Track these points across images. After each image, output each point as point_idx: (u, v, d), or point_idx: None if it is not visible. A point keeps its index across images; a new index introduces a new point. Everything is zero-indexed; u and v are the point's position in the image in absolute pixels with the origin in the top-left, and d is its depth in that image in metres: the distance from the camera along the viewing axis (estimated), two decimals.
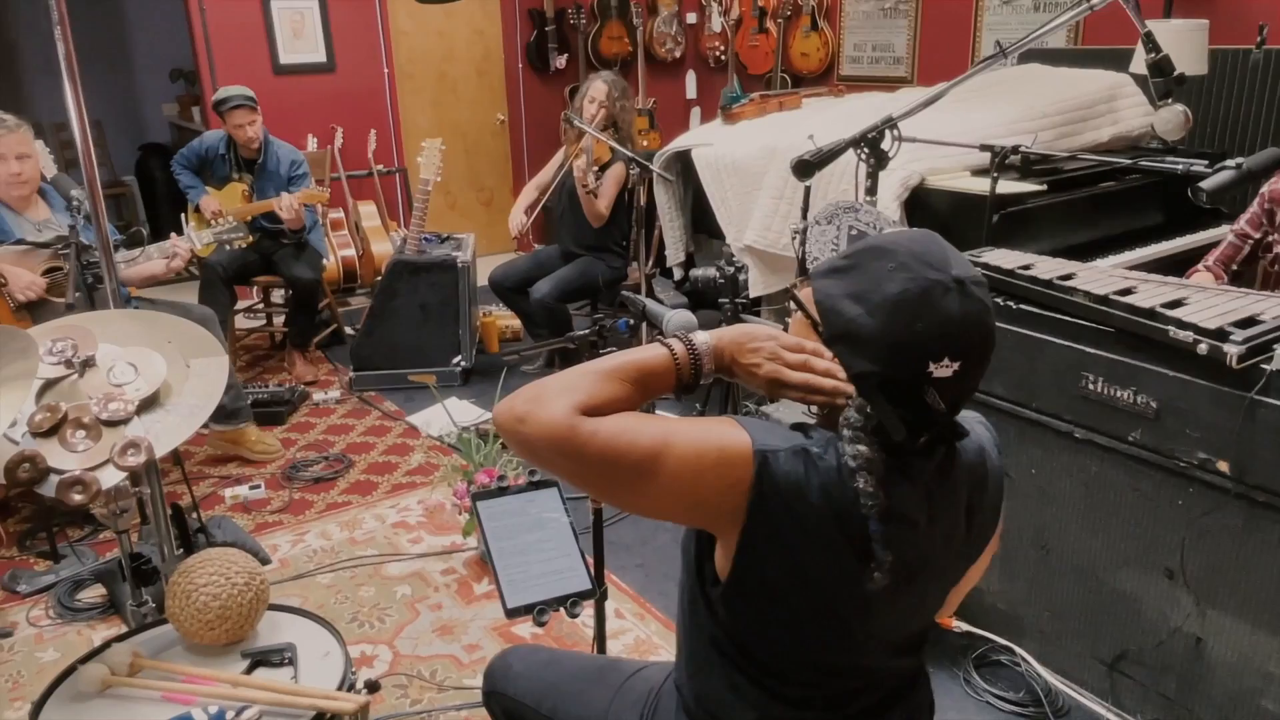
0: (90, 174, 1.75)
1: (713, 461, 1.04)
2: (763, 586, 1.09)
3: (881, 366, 1.04)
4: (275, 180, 4.31)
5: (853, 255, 1.10)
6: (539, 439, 1.02)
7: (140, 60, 7.45)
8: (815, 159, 2.54)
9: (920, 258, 1.05)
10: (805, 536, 1.06)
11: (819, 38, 5.14)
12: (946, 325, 1.02)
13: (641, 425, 1.04)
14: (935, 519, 1.12)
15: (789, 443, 1.07)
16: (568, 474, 1.04)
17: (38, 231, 3.18)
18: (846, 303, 1.06)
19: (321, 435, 3.86)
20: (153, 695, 1.38)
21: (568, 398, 1.02)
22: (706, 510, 1.07)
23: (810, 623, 1.12)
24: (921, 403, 1.04)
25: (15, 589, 2.79)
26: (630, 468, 1.02)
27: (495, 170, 6.64)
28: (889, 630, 1.18)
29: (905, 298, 1.02)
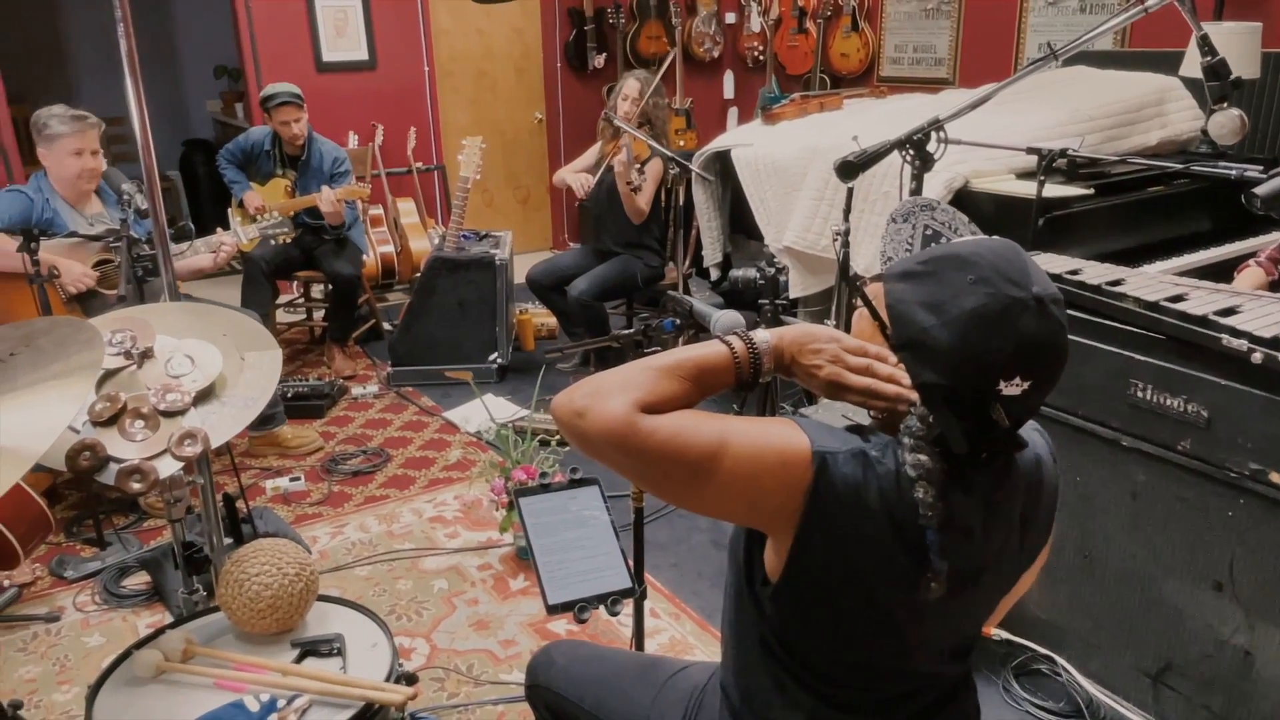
0: (149, 169, 1.78)
1: (772, 463, 1.04)
2: (815, 588, 1.09)
3: (950, 380, 1.02)
4: (318, 177, 4.36)
5: (930, 261, 1.07)
6: (597, 434, 1.02)
7: (186, 57, 7.58)
8: (859, 160, 2.52)
9: (1001, 272, 1.02)
10: (860, 540, 1.05)
11: (859, 38, 5.11)
12: (1022, 346, 1.00)
13: (700, 424, 1.03)
14: (990, 529, 1.11)
15: (847, 445, 1.06)
16: (625, 470, 1.05)
17: (90, 225, 3.26)
18: (920, 311, 1.04)
19: (360, 429, 3.90)
20: (205, 682, 1.40)
21: (627, 394, 1.02)
22: (763, 510, 1.07)
23: (861, 626, 1.12)
24: (986, 417, 1.03)
25: (62, 574, 2.85)
26: (688, 466, 1.02)
27: (532, 169, 6.67)
28: (940, 637, 1.17)
29: (983, 314, 1.00)
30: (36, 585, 2.82)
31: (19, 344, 1.27)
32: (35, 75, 6.59)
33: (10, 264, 2.92)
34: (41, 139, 3.17)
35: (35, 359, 1.24)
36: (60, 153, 3.16)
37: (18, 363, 1.23)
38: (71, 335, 1.26)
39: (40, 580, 2.84)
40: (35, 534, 2.66)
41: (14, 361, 1.24)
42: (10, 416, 1.16)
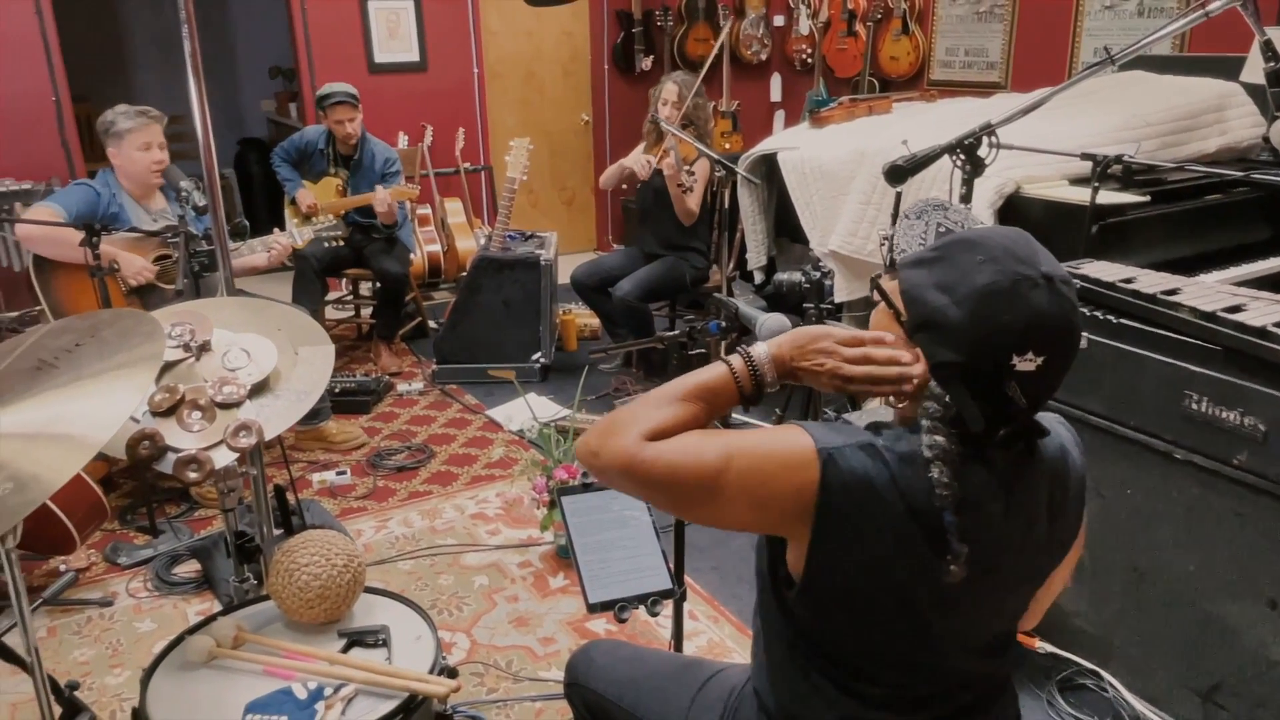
0: (209, 167, 1.83)
1: (776, 467, 1.06)
2: (838, 585, 1.10)
3: (965, 357, 1.04)
4: (370, 177, 4.44)
5: (941, 247, 1.10)
6: (611, 468, 1.10)
7: (242, 57, 7.75)
8: (909, 164, 2.50)
9: (1010, 252, 1.05)
10: (878, 531, 1.06)
11: (909, 41, 5.06)
12: (1033, 319, 1.02)
13: (703, 444, 1.08)
14: (1013, 511, 1.11)
15: (855, 439, 1.08)
16: (642, 497, 1.12)
17: (152, 220, 3.35)
18: (933, 292, 1.06)
19: (404, 425, 3.95)
20: (254, 669, 1.44)
21: (635, 427, 1.09)
22: (776, 515, 1.09)
23: (889, 619, 1.12)
24: (1002, 395, 1.04)
25: (116, 561, 2.93)
26: (695, 485, 1.07)
27: (578, 170, 6.70)
28: (971, 630, 1.17)
29: (993, 289, 1.03)
30: (91, 570, 2.90)
31: (85, 335, 1.32)
32: (98, 75, 6.77)
33: (74, 255, 3.01)
34: (109, 138, 3.26)
35: (100, 350, 1.28)
36: (129, 148, 3.25)
37: (83, 353, 1.27)
38: (134, 327, 1.30)
39: (95, 566, 2.92)
40: (91, 520, 2.74)
41: (79, 352, 1.28)
42: (75, 405, 1.20)
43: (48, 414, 1.18)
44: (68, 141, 4.94)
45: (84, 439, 1.14)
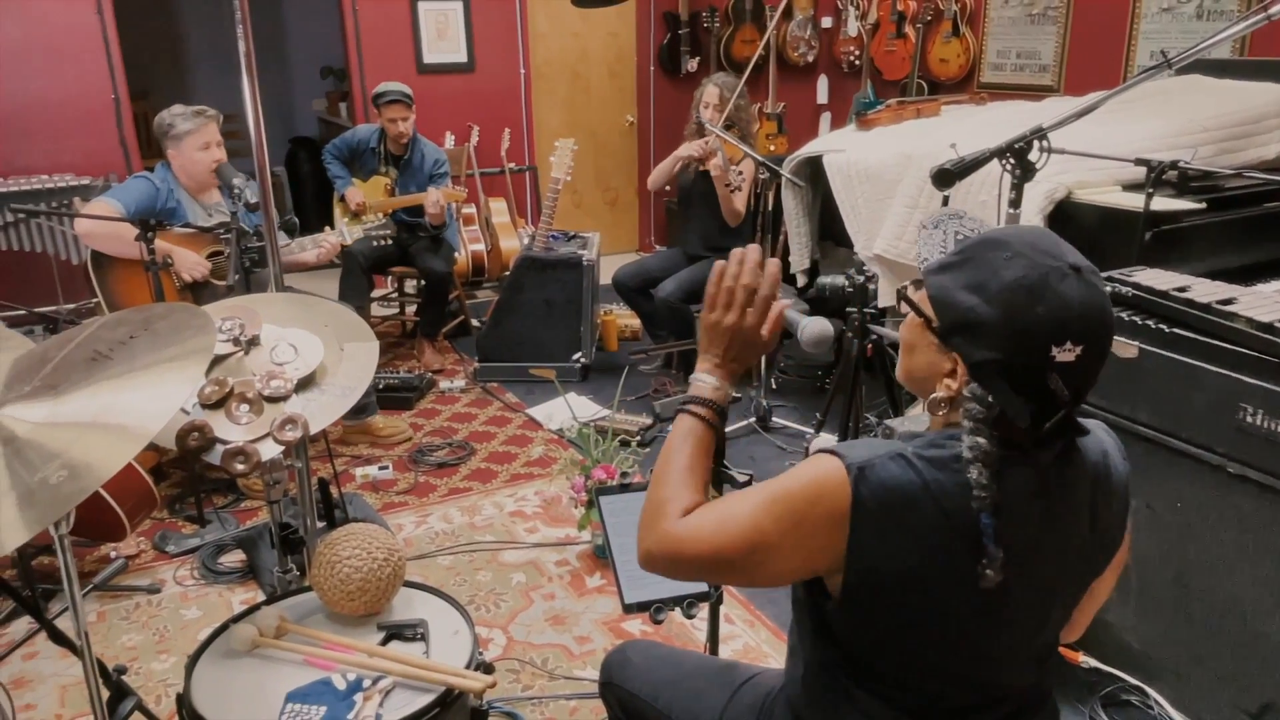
0: (261, 165, 1.86)
1: (810, 498, 1.07)
2: (876, 595, 1.09)
3: (1003, 353, 1.03)
4: (418, 177, 4.50)
5: (965, 249, 1.10)
6: (668, 573, 1.15)
7: (294, 57, 7.89)
8: (956, 168, 2.47)
9: (1035, 246, 1.06)
10: (915, 540, 1.05)
11: (960, 43, 4.99)
12: (1067, 309, 1.02)
13: (734, 507, 1.11)
14: (1053, 515, 1.10)
15: (885, 450, 1.07)
16: (706, 580, 1.19)
17: (207, 216, 3.42)
18: (963, 294, 1.06)
19: (446, 422, 3.99)
20: (295, 659, 1.46)
21: (662, 522, 1.14)
22: (819, 547, 1.07)
23: (928, 629, 1.11)
24: (1045, 389, 1.04)
25: (164, 549, 3.00)
26: (745, 549, 1.08)
27: (622, 171, 6.72)
28: (1012, 638, 1.15)
29: (1024, 283, 1.03)
30: (140, 558, 2.97)
31: (139, 327, 1.35)
32: (155, 73, 6.94)
33: (130, 250, 3.08)
34: (169, 140, 3.33)
35: (153, 342, 1.31)
36: (188, 150, 3.32)
37: (136, 345, 1.30)
38: (186, 321, 1.33)
39: (144, 553, 2.99)
40: (141, 509, 2.81)
41: (133, 344, 1.31)
42: (128, 396, 1.23)
43: (101, 404, 1.21)
44: (126, 138, 5.07)
45: (135, 429, 1.17)
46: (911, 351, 1.17)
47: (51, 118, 4.86)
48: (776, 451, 3.64)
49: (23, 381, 1.29)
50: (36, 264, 4.67)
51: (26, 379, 1.30)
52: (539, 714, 2.29)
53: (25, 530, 1.09)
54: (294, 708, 1.34)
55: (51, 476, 1.08)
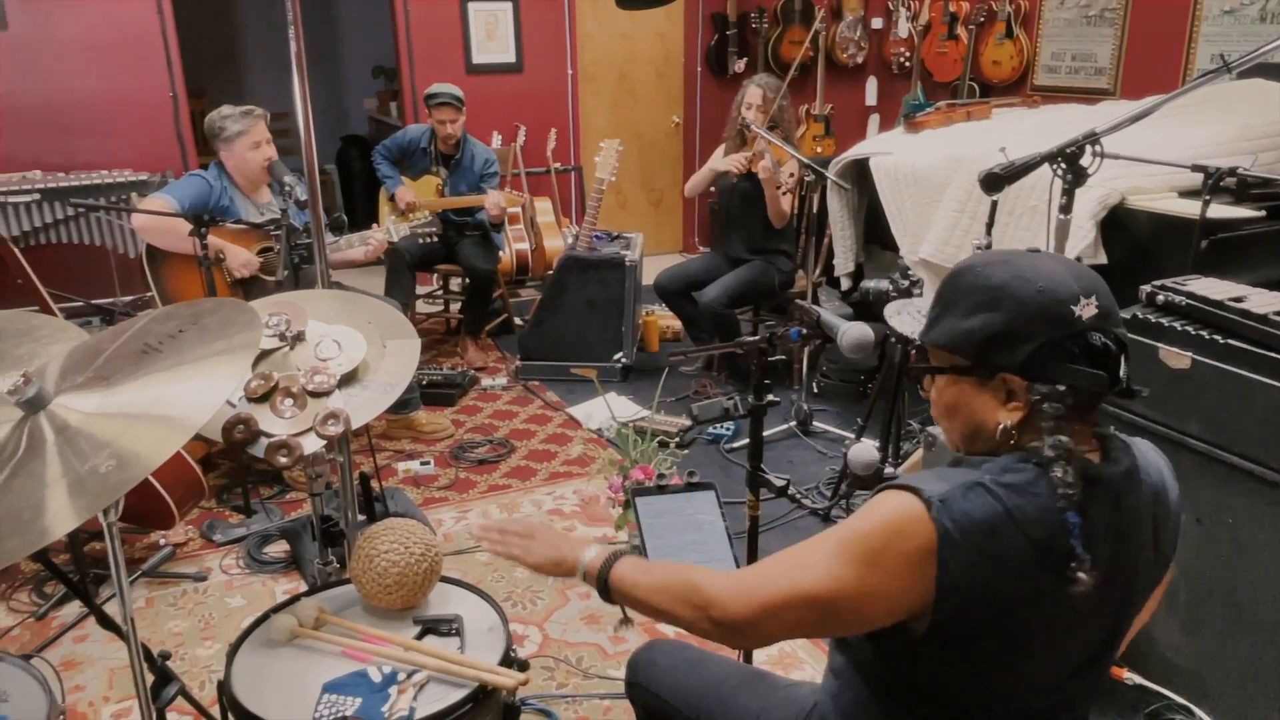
0: (310, 163, 1.90)
1: (888, 537, 1.04)
2: (969, 630, 1.05)
3: (1039, 337, 1.06)
4: (468, 177, 4.55)
5: (940, 297, 1.15)
6: (729, 630, 1.13)
7: (347, 56, 8.01)
8: (1006, 172, 2.42)
9: (990, 254, 1.14)
10: (1003, 570, 1.03)
11: (1013, 45, 4.91)
12: (1057, 274, 1.07)
13: (804, 554, 1.09)
14: (1123, 533, 1.10)
15: (959, 480, 1.05)
16: (782, 635, 1.14)
17: (259, 213, 3.49)
18: (969, 322, 1.10)
19: (487, 419, 4.03)
20: (333, 650, 1.48)
21: (705, 590, 1.14)
22: (905, 586, 1.04)
23: (1014, 657, 1.09)
24: (1096, 349, 1.06)
25: (211, 537, 3.06)
26: (818, 599, 1.06)
27: (667, 172, 6.72)
28: (1085, 657, 1.14)
29: (1008, 275, 1.08)
30: (188, 546, 3.03)
31: (188, 322, 1.38)
32: (212, 72, 7.10)
33: (183, 246, 3.16)
34: (220, 141, 3.41)
35: (201, 336, 1.34)
36: (240, 150, 3.39)
37: (185, 339, 1.34)
38: (234, 316, 1.36)
39: (192, 541, 3.06)
40: (190, 498, 2.87)
41: (182, 338, 1.34)
42: (176, 388, 1.26)
43: (150, 396, 1.24)
44: (183, 135, 5.19)
45: (182, 421, 1.20)
46: (957, 411, 1.15)
47: (111, 114, 5.00)
48: (816, 456, 3.62)
49: (77, 372, 1.33)
50: (95, 257, 4.81)
51: (80, 370, 1.34)
52: (572, 712, 2.30)
53: (74, 517, 1.12)
54: (330, 698, 1.36)
55: (101, 465, 1.11)
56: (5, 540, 1.06)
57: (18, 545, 1.05)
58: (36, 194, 4.40)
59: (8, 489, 1.14)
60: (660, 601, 1.20)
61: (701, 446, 3.72)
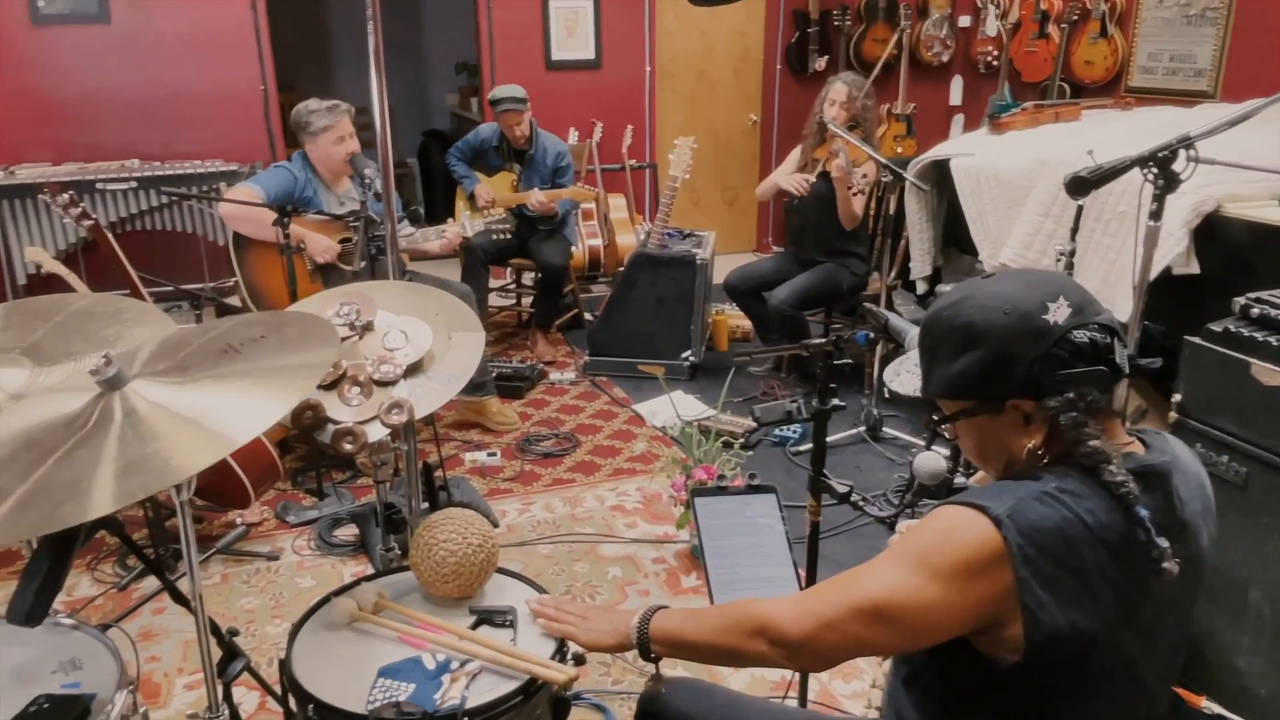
0: (385, 157, 1.93)
1: (949, 549, 1.02)
2: (1061, 648, 1.02)
3: (1027, 356, 1.06)
4: (541, 171, 4.60)
5: (923, 349, 1.17)
6: (795, 649, 1.12)
7: (431, 52, 8.16)
8: (1093, 176, 2.34)
9: (949, 295, 1.16)
10: (1083, 575, 1.00)
11: (1107, 45, 4.73)
12: (1016, 293, 1.08)
13: (861, 573, 1.09)
14: (1183, 516, 1.08)
15: (1024, 492, 1.03)
16: (851, 652, 1.11)
17: (340, 204, 3.58)
18: (956, 365, 1.11)
19: (554, 413, 4.06)
20: (390, 635, 1.51)
21: (762, 617, 1.14)
22: (966, 601, 1.02)
23: (1107, 670, 1.05)
24: (1083, 348, 1.05)
25: (285, 518, 3.15)
26: (877, 611, 1.05)
27: (742, 170, 6.67)
28: (1161, 665, 1.11)
29: (976, 310, 1.09)
30: (263, 526, 3.13)
31: (271, 329, 1.42)
32: (302, 67, 7.31)
33: (267, 234, 3.26)
34: (306, 135, 3.51)
35: (280, 346, 1.38)
36: (325, 143, 3.49)
37: (264, 345, 1.38)
38: (313, 331, 1.39)
39: (266, 522, 3.16)
40: (266, 480, 2.96)
41: (262, 344, 1.38)
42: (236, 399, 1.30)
43: (212, 401, 1.28)
44: (272, 127, 5.36)
45: (224, 438, 1.22)
46: (986, 449, 1.15)
47: (205, 106, 5.19)
48: (885, 463, 3.55)
49: (160, 360, 1.38)
50: (186, 243, 5.00)
51: (164, 358, 1.38)
52: (627, 709, 2.30)
53: (114, 500, 1.14)
54: (385, 682, 1.38)
55: (150, 459, 1.15)
56: (59, 506, 1.10)
57: (69, 512, 1.09)
58: (134, 182, 4.60)
59: (70, 457, 1.18)
60: (715, 638, 1.19)
61: (767, 448, 3.68)
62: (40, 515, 1.11)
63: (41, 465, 1.19)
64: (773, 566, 1.92)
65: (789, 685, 2.22)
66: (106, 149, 4.99)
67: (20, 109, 4.85)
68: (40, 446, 1.23)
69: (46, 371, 1.65)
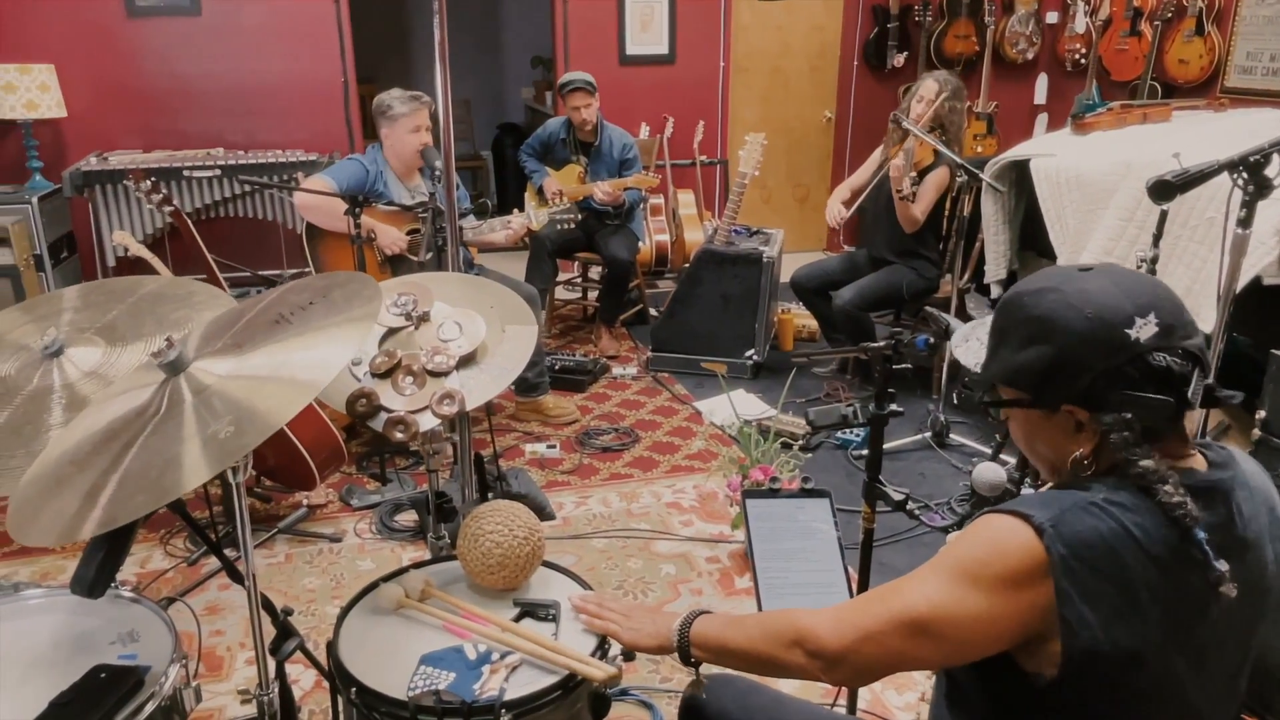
0: (447, 148, 1.96)
1: (992, 560, 0.99)
2: (1101, 665, 0.98)
3: (1096, 366, 1.00)
4: (608, 163, 4.61)
5: (995, 329, 1.12)
6: (832, 663, 1.09)
7: (508, 46, 8.25)
8: (1178, 181, 2.23)
9: (1041, 280, 1.08)
10: (1130, 591, 0.96)
11: (1203, 43, 4.52)
12: (1107, 293, 1.01)
13: (901, 588, 1.06)
14: (1247, 536, 1.02)
15: (1071, 502, 0.99)
16: (893, 666, 1.08)
17: (411, 196, 3.64)
18: (1022, 355, 1.06)
19: (615, 408, 4.06)
20: (434, 623, 1.52)
21: (802, 630, 1.11)
22: (1008, 612, 0.98)
23: (1156, 692, 1.00)
24: (1160, 372, 0.98)
25: (349, 502, 3.22)
26: (917, 622, 1.02)
27: (815, 168, 6.58)
28: (1217, 689, 1.05)
29: (1059, 305, 1.02)
30: (327, 508, 3.21)
31: (318, 295, 1.45)
32: (382, 60, 7.46)
33: (338, 224, 3.34)
34: (385, 119, 3.59)
35: (327, 309, 1.40)
36: (400, 130, 3.56)
37: (314, 311, 1.40)
38: (359, 291, 1.41)
39: (331, 504, 3.23)
40: (331, 463, 3.03)
41: (311, 310, 1.41)
42: (299, 354, 1.32)
43: (277, 361, 1.31)
44: (351, 119, 5.49)
45: (305, 383, 1.25)
46: (1035, 443, 1.11)
47: (288, 97, 5.34)
48: (950, 470, 3.46)
49: (216, 338, 1.42)
50: (266, 231, 5.16)
51: (219, 336, 1.42)
52: (674, 707, 2.29)
53: (204, 473, 1.19)
54: (426, 670, 1.40)
55: (221, 432, 1.18)
56: (133, 496, 1.14)
57: (143, 501, 1.13)
58: (217, 170, 4.75)
59: (146, 447, 1.22)
60: (753, 646, 1.17)
61: (828, 451, 3.62)
62: (146, 493, 1.16)
63: (129, 451, 1.24)
64: (824, 572, 1.89)
65: (838, 692, 2.18)
66: (194, 137, 5.18)
67: (115, 98, 5.06)
68: (120, 437, 1.28)
69: (119, 351, 1.71)
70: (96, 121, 5.04)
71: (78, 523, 1.14)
